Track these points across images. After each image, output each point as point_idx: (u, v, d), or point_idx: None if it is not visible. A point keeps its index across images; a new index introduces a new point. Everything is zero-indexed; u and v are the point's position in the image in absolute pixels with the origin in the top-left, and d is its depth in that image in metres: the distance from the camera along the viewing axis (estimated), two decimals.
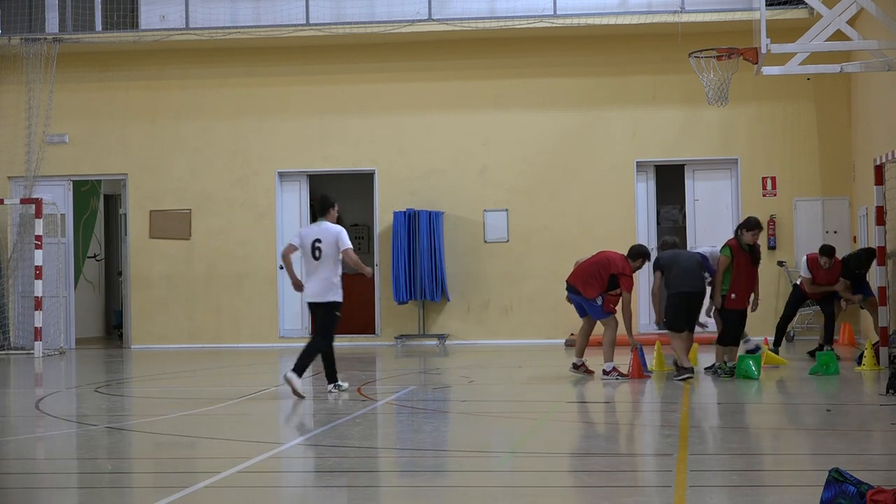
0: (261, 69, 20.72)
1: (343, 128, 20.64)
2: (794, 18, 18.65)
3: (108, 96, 20.89)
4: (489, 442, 9.66)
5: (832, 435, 9.72)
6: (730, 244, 13.75)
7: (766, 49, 14.12)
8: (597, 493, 7.58)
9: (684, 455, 8.48)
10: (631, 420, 11.30)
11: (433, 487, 7.86)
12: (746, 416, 11.29)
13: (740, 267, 13.66)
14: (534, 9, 19.89)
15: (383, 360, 17.82)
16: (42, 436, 10.42)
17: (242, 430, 10.37)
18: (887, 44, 14.37)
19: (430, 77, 20.53)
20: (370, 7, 20.32)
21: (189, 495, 7.45)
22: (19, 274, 20.35)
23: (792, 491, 7.35)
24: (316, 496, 7.72)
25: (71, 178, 21.07)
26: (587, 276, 13.77)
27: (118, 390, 14.31)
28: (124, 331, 21.29)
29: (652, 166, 20.43)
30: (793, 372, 14.36)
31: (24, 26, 20.66)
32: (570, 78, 20.31)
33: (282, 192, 20.81)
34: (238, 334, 20.55)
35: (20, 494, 7.78)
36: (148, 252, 20.74)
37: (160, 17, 20.52)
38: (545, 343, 19.55)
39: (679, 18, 19.17)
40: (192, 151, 20.80)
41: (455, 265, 20.25)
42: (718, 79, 14.90)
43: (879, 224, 14.55)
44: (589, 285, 13.74)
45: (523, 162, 20.31)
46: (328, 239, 12.60)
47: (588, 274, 13.79)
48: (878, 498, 6.32)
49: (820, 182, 19.78)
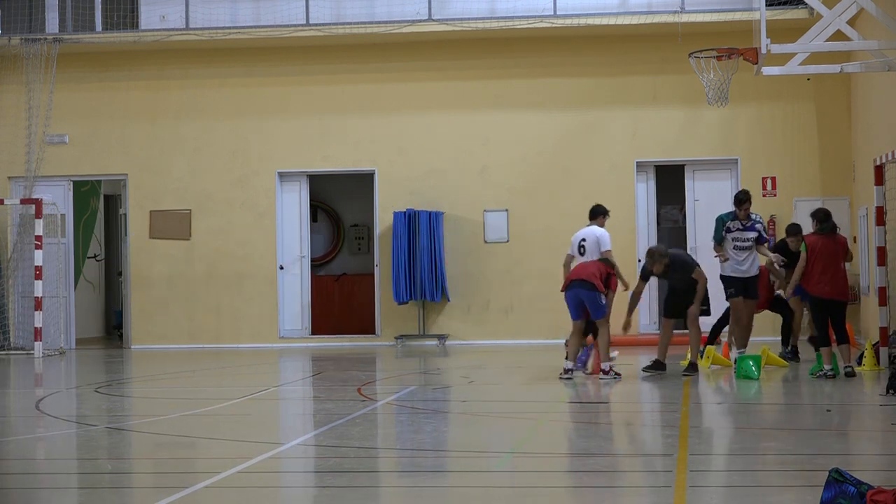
0: (261, 69, 20.72)
1: (343, 128, 20.64)
2: (794, 18, 18.65)
3: (108, 96, 20.89)
4: (489, 442, 9.67)
5: (832, 435, 9.73)
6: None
7: (766, 49, 14.12)
8: (597, 494, 7.58)
9: (684, 455, 8.48)
10: (631, 420, 11.30)
11: (433, 487, 7.86)
12: (746, 416, 11.29)
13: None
14: (534, 9, 19.89)
15: (383, 360, 17.82)
16: (42, 436, 10.42)
17: (242, 431, 10.37)
18: (887, 44, 14.37)
19: (430, 77, 20.53)
20: (370, 7, 20.31)
21: (189, 495, 7.45)
22: (19, 274, 20.34)
23: (792, 491, 7.35)
24: (316, 496, 7.72)
25: (71, 179, 21.07)
26: (590, 274, 13.77)
27: (118, 390, 14.31)
28: (124, 331, 21.29)
29: (652, 166, 20.43)
30: (793, 372, 14.36)
31: (24, 26, 20.65)
32: (570, 78, 20.31)
33: (282, 192, 20.81)
34: (238, 334, 20.55)
35: (20, 494, 7.78)
36: (148, 252, 20.74)
37: (160, 18, 20.52)
38: (545, 343, 19.54)
39: (679, 18, 19.17)
40: (192, 151, 20.80)
41: (455, 265, 20.25)
42: (718, 79, 14.90)
43: (879, 224, 14.54)
44: (597, 280, 13.77)
45: (523, 162, 20.31)
46: (591, 239, 14.48)
47: (590, 273, 13.80)
48: (878, 498, 6.32)
49: (820, 182, 19.78)
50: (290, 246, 20.84)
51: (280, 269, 20.63)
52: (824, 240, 13.52)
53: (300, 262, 20.87)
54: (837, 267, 13.47)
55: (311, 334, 20.90)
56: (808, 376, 13.69)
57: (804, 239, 13.91)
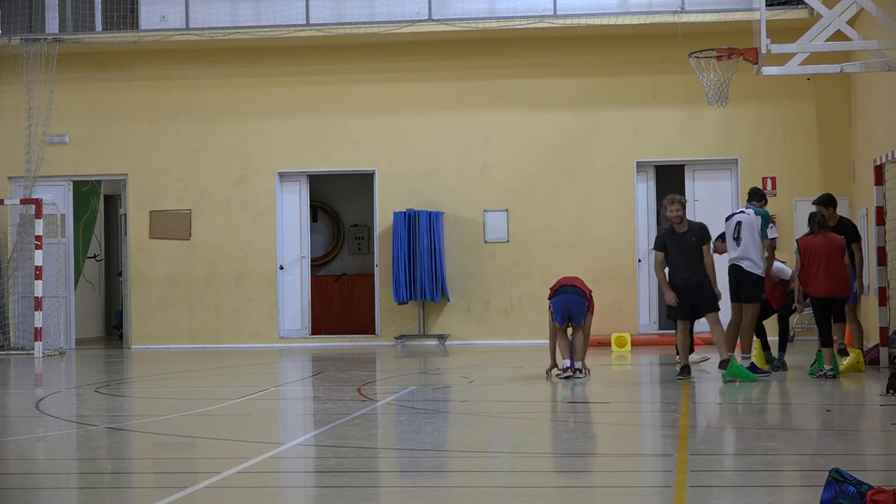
0: (261, 69, 20.72)
1: (343, 128, 20.64)
2: (794, 18, 18.65)
3: (108, 96, 20.89)
4: (489, 442, 9.66)
5: (832, 435, 9.72)
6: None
7: (766, 49, 14.12)
8: (597, 494, 7.58)
9: (684, 455, 8.48)
10: (631, 420, 11.30)
11: (433, 487, 7.86)
12: (746, 416, 11.29)
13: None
14: (534, 9, 19.89)
15: (383, 360, 17.82)
16: (42, 436, 10.42)
17: (242, 431, 10.37)
18: (887, 44, 14.37)
19: (430, 77, 20.53)
20: (370, 7, 20.32)
21: (189, 495, 7.45)
22: (19, 274, 20.34)
23: (792, 491, 7.35)
24: (316, 496, 7.71)
25: (71, 179, 21.07)
26: (582, 284, 13.92)
27: (118, 391, 14.31)
28: (124, 331, 21.30)
29: (652, 166, 20.43)
30: (792, 372, 14.35)
31: (24, 26, 20.65)
32: (570, 78, 20.31)
33: (282, 192, 20.81)
34: (238, 334, 20.55)
35: (20, 494, 7.78)
36: (148, 252, 20.75)
37: (160, 18, 20.52)
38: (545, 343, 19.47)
39: (679, 18, 19.17)
40: (192, 151, 20.80)
41: (455, 265, 20.26)
42: (718, 79, 14.90)
43: (879, 224, 14.55)
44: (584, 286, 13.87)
45: (523, 162, 20.31)
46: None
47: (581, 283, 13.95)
48: (878, 498, 6.32)
49: (820, 182, 19.76)
50: (290, 246, 20.84)
51: (280, 270, 20.63)
52: (815, 239, 13.55)
53: (300, 262, 20.87)
54: (832, 264, 13.44)
55: (311, 334, 20.90)
56: (808, 376, 13.70)
57: (797, 242, 13.94)
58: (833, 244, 13.52)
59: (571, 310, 13.71)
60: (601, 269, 19.75)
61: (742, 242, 13.96)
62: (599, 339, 18.58)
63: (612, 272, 19.72)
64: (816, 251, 13.46)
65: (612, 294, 19.61)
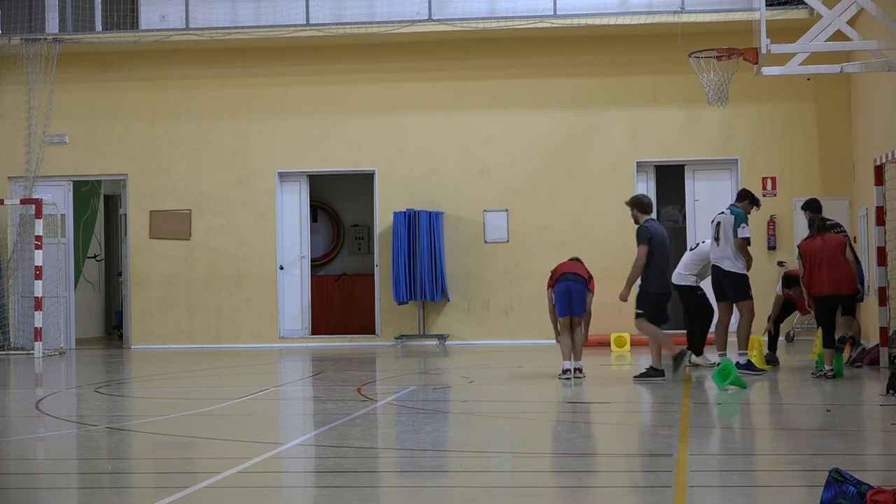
0: (261, 69, 20.72)
1: (343, 128, 20.64)
2: (794, 18, 18.65)
3: (108, 96, 20.89)
4: (489, 442, 9.66)
5: (832, 435, 9.72)
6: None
7: (766, 49, 14.12)
8: (597, 494, 7.58)
9: (684, 455, 8.48)
10: (631, 420, 11.30)
11: (433, 487, 7.86)
12: (746, 416, 11.29)
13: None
14: (534, 9, 19.89)
15: (383, 360, 17.82)
16: (42, 436, 10.42)
17: (242, 431, 10.37)
18: (887, 44, 14.36)
19: (430, 77, 20.54)
20: (370, 7, 20.32)
21: (189, 495, 7.45)
22: (19, 274, 20.34)
23: (792, 491, 7.35)
24: (316, 496, 7.71)
25: (71, 179, 21.07)
26: (583, 271, 13.81)
27: (118, 391, 14.31)
28: (124, 331, 21.30)
29: (652, 166, 20.43)
30: (792, 373, 14.35)
31: (24, 26, 20.65)
32: (570, 78, 20.31)
33: (282, 192, 20.81)
34: (238, 334, 20.55)
35: (20, 494, 7.78)
36: (148, 252, 20.75)
37: (160, 18, 20.52)
38: (545, 343, 19.53)
39: (679, 18, 19.17)
40: (191, 151, 20.80)
41: (455, 265, 20.26)
42: (718, 79, 14.90)
43: (879, 224, 14.54)
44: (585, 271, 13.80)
45: (523, 162, 20.32)
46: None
47: (582, 270, 13.84)
48: (878, 498, 6.32)
49: (820, 182, 19.78)
50: (290, 246, 20.85)
51: (280, 270, 20.63)
52: (813, 242, 13.63)
53: (300, 262, 20.87)
54: (833, 263, 13.48)
55: (311, 334, 20.90)
56: (808, 376, 13.70)
57: (798, 247, 13.99)
58: (832, 243, 13.57)
59: (573, 298, 13.63)
60: (601, 269, 19.64)
61: (720, 243, 14.21)
62: (599, 339, 18.60)
63: (612, 272, 19.65)
64: (817, 253, 13.51)
65: (611, 294, 19.46)
